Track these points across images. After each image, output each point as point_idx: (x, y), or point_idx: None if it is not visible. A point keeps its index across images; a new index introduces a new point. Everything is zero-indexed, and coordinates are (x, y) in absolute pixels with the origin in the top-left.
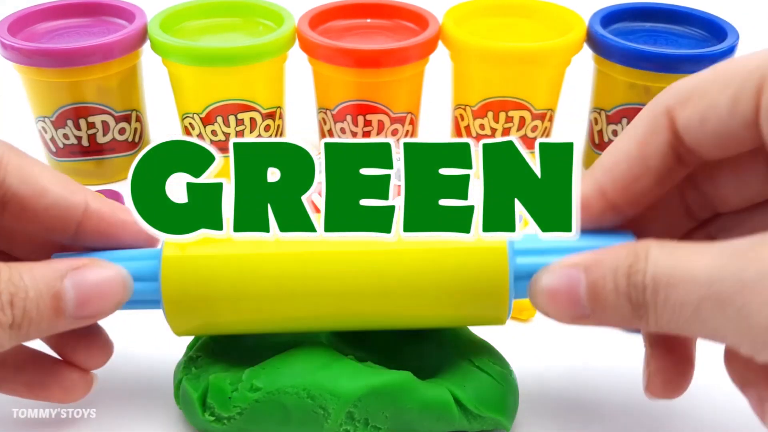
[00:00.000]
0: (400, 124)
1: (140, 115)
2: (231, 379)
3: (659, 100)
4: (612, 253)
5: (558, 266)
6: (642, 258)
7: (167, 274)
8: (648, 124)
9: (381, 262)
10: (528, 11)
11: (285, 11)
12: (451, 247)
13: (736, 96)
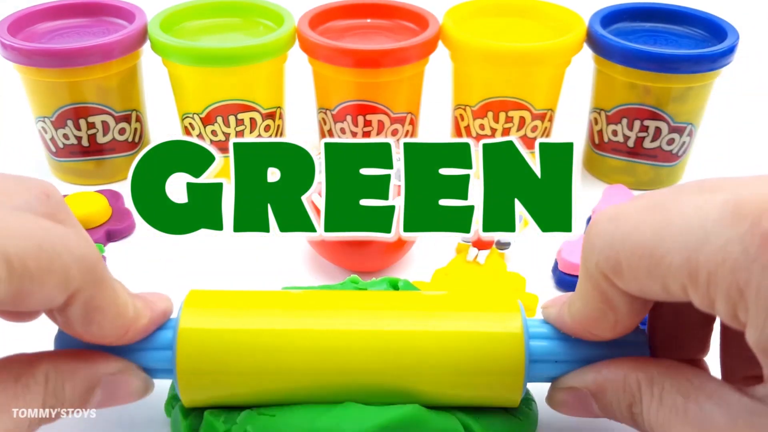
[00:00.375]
0: (400, 124)
1: (140, 115)
2: (225, 417)
3: (591, 262)
4: (612, 387)
5: (568, 388)
6: (638, 402)
7: (183, 347)
8: (596, 287)
9: (397, 342)
10: (528, 11)
11: (285, 11)
12: (469, 332)
13: (667, 288)
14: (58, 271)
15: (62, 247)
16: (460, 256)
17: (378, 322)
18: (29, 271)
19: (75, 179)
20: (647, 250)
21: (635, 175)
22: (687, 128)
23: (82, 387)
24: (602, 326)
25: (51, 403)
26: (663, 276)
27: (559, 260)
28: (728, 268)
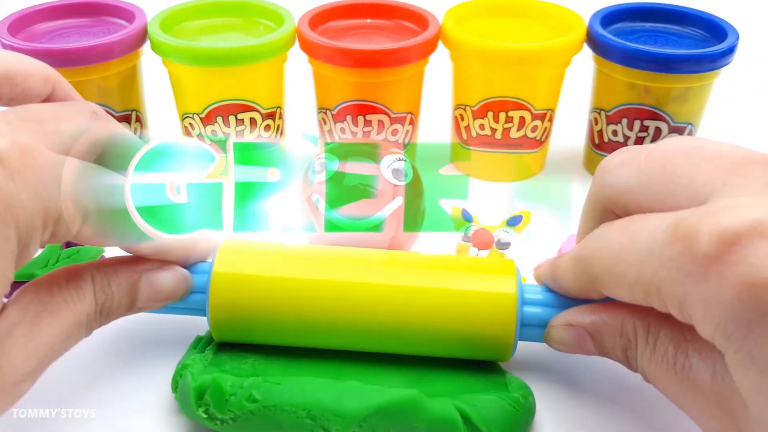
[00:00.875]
0: (400, 124)
1: (140, 115)
2: (233, 381)
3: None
4: (609, 330)
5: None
6: (633, 347)
7: (215, 288)
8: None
9: (404, 295)
10: (528, 11)
11: (285, 11)
12: (468, 290)
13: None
14: None
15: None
16: None
17: (388, 276)
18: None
19: None
20: (614, 268)
21: None
22: (687, 128)
23: (127, 284)
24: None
25: (101, 300)
26: (628, 290)
27: None
28: (670, 283)
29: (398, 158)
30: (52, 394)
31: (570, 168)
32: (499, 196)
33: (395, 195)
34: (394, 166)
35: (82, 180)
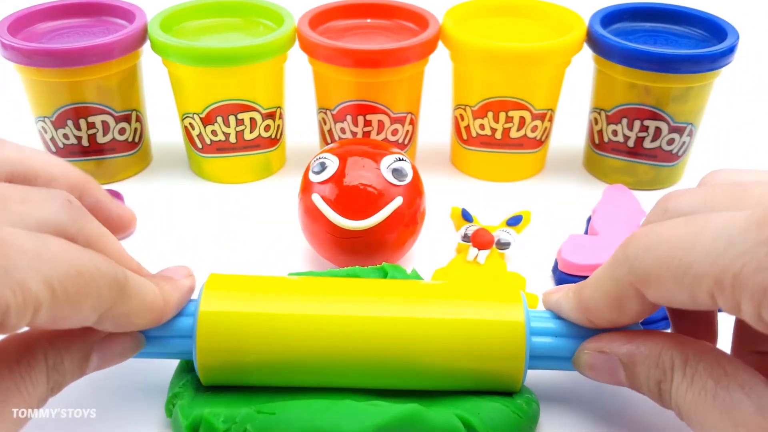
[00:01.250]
0: (400, 124)
1: (140, 115)
2: (225, 416)
3: (621, 270)
4: (645, 360)
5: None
6: (668, 379)
7: (203, 330)
8: (618, 290)
9: (407, 328)
10: (528, 11)
11: (285, 11)
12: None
13: (694, 296)
14: (94, 294)
15: (95, 270)
16: (460, 256)
17: (387, 308)
18: (69, 297)
19: None
20: (675, 260)
21: (635, 175)
22: (687, 128)
23: (79, 357)
24: (604, 319)
25: (54, 378)
26: (690, 284)
27: (559, 260)
28: (752, 270)
29: (398, 158)
30: None
31: (570, 168)
32: (499, 196)
33: (395, 195)
34: (394, 166)
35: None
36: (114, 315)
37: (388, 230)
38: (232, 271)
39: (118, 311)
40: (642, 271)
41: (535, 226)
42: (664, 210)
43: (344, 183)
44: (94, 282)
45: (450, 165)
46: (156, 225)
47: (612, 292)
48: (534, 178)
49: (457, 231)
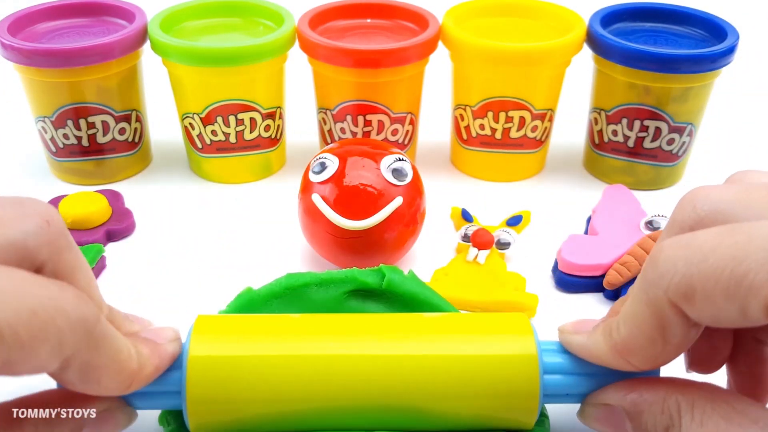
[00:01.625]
0: (400, 124)
1: (140, 115)
2: None
3: (657, 287)
4: (650, 407)
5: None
6: (676, 424)
7: (192, 377)
8: (657, 314)
9: (410, 368)
10: (528, 11)
11: (285, 11)
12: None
13: (745, 309)
14: (52, 338)
15: (56, 310)
16: (460, 256)
17: (388, 345)
18: (20, 340)
19: (75, 179)
20: (727, 271)
21: (635, 175)
22: (687, 128)
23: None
24: (645, 355)
25: None
26: (744, 296)
27: (559, 260)
28: None
29: (398, 158)
30: None
31: (570, 168)
32: (499, 196)
33: (395, 195)
34: (394, 166)
35: None
36: (80, 364)
37: (388, 230)
38: (232, 271)
39: (84, 359)
40: (684, 285)
41: (535, 226)
42: (692, 207)
43: (344, 183)
44: (53, 323)
45: (450, 165)
46: (156, 225)
47: (650, 321)
48: (534, 178)
49: (457, 231)
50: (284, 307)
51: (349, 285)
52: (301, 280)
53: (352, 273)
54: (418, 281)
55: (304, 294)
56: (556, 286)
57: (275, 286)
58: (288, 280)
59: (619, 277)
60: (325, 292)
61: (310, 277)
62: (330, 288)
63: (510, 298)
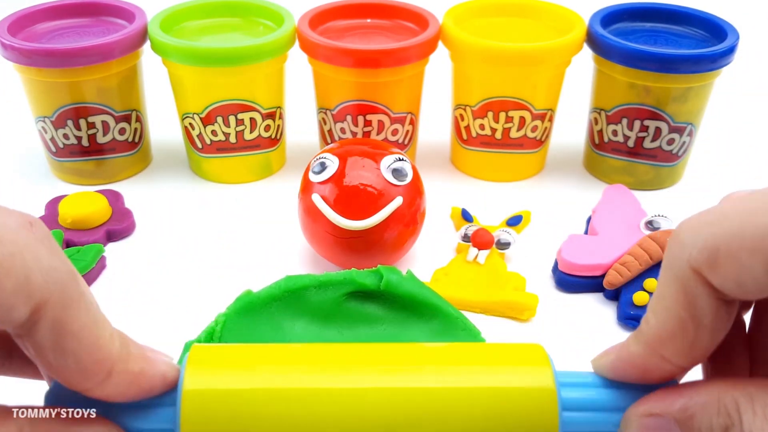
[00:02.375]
0: (400, 124)
1: (140, 115)
2: None
3: (680, 260)
4: (704, 410)
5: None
6: (736, 423)
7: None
8: (683, 289)
9: (420, 401)
10: (528, 11)
11: (285, 11)
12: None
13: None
14: (19, 272)
15: (27, 251)
16: (460, 256)
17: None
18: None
19: (75, 179)
20: (750, 224)
21: (635, 175)
22: (687, 128)
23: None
24: (679, 345)
25: None
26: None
27: (559, 260)
28: None
29: (398, 158)
30: None
31: (570, 168)
32: (499, 196)
33: (395, 195)
34: (394, 166)
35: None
36: (52, 320)
37: (388, 230)
38: (232, 272)
39: (57, 315)
40: (707, 249)
41: (535, 226)
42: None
43: (344, 183)
44: (22, 260)
45: (450, 165)
46: (156, 225)
47: (677, 299)
48: (534, 178)
49: (457, 231)
50: (284, 309)
51: (347, 287)
52: (300, 283)
53: (350, 275)
54: (416, 281)
55: (302, 296)
56: (556, 286)
57: (274, 289)
58: (287, 282)
59: (619, 277)
60: (323, 294)
61: (309, 279)
62: (328, 290)
63: (510, 298)
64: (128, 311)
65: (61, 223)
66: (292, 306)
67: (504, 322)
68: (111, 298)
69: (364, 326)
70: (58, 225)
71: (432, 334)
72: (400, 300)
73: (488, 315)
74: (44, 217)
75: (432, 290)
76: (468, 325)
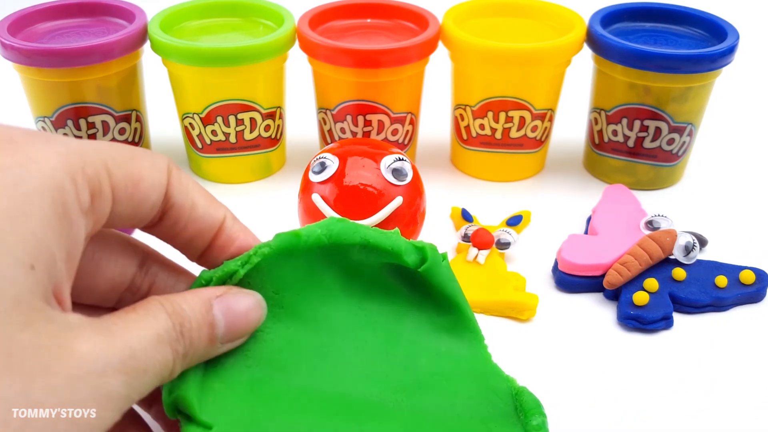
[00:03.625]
0: (400, 124)
1: (140, 115)
2: None
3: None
4: None
5: None
6: None
7: None
8: None
9: None
10: (528, 11)
11: (285, 11)
12: None
13: None
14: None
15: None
16: (460, 256)
17: None
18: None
19: None
20: None
21: (635, 175)
22: (687, 128)
23: (200, 306)
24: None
25: (177, 321)
26: None
27: (559, 260)
28: None
29: (398, 158)
30: None
31: (570, 168)
32: (499, 196)
33: (395, 195)
34: (394, 166)
35: None
36: (177, 176)
37: (388, 230)
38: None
39: (180, 175)
40: None
41: (535, 226)
42: None
43: (344, 183)
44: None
45: (450, 165)
46: None
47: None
48: (534, 178)
49: (457, 231)
50: (322, 259)
51: (389, 258)
52: (350, 239)
53: (398, 247)
54: (450, 272)
55: (346, 253)
56: (556, 286)
57: (325, 236)
58: (342, 231)
59: (619, 277)
60: (365, 257)
61: (360, 237)
62: (371, 254)
63: (510, 298)
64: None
65: None
66: (332, 259)
67: (504, 322)
68: None
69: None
70: None
71: (438, 329)
72: (432, 289)
73: (488, 315)
74: None
75: (458, 284)
76: (476, 329)
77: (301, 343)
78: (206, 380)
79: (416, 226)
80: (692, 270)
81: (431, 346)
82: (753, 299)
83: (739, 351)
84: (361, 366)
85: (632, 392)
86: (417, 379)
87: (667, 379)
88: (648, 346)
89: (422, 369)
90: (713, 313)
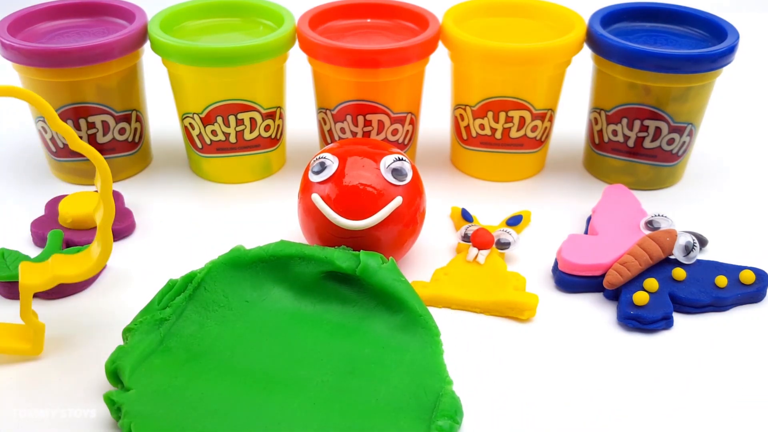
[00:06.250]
0: (400, 124)
1: (140, 115)
2: None
3: None
4: None
5: None
6: None
7: None
8: None
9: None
10: (528, 11)
11: (285, 11)
12: None
13: None
14: None
15: None
16: (460, 256)
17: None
18: None
19: (75, 179)
20: None
21: (635, 175)
22: (687, 128)
23: None
24: None
25: None
26: None
27: (559, 260)
28: None
29: (398, 158)
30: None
31: (570, 168)
32: (499, 196)
33: (395, 195)
34: (394, 166)
35: None
36: None
37: (388, 230)
38: None
39: None
40: None
41: (535, 226)
42: None
43: (344, 183)
44: None
45: (450, 165)
46: (156, 225)
47: None
48: (534, 178)
49: (457, 231)
50: (268, 271)
51: (326, 266)
52: (287, 251)
53: (331, 255)
54: (394, 272)
55: (287, 264)
56: (556, 286)
57: (263, 251)
58: (277, 247)
59: (619, 277)
60: (306, 267)
61: (296, 249)
62: (311, 264)
63: (510, 298)
64: (128, 311)
65: (61, 223)
66: (275, 271)
67: (504, 322)
68: (111, 298)
69: (337, 304)
70: (58, 225)
71: (393, 328)
72: (372, 289)
73: (488, 315)
74: (44, 217)
75: (407, 283)
76: (429, 324)
77: (244, 337)
78: (151, 356)
79: (416, 226)
80: (692, 270)
81: (380, 341)
82: (753, 299)
83: (739, 351)
84: (299, 354)
85: (632, 392)
86: (353, 366)
87: (667, 379)
88: (648, 346)
89: (363, 358)
90: (713, 313)
